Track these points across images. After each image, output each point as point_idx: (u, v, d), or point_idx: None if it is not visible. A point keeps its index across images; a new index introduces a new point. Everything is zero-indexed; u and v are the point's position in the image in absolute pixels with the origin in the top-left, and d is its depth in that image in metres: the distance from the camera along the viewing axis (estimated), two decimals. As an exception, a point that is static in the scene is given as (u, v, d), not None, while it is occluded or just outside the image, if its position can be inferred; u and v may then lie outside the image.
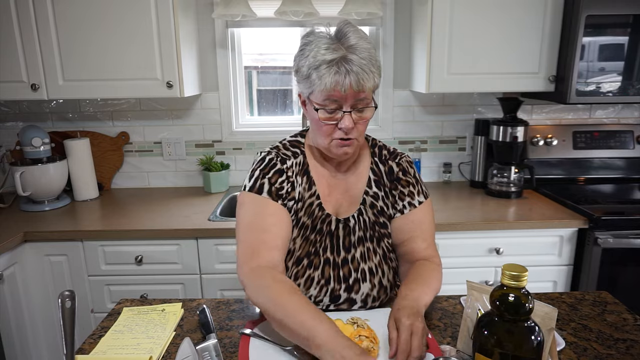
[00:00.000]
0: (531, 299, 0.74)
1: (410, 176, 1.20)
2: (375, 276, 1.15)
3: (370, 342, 0.94)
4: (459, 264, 1.89)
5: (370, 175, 1.18)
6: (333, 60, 0.99)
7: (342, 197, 1.17)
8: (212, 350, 0.94)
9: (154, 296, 1.89)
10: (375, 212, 1.17)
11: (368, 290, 1.14)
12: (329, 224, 1.14)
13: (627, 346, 1.01)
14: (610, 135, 2.31)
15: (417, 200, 1.18)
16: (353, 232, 1.15)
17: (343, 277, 1.13)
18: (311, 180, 1.15)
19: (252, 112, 2.51)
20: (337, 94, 1.01)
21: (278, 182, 1.11)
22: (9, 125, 2.35)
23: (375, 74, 1.02)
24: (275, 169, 1.13)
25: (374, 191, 1.17)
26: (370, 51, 1.02)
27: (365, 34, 1.06)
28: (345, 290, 1.13)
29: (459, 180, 2.47)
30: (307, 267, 1.13)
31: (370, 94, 1.05)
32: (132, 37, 1.91)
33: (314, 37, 1.04)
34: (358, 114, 1.05)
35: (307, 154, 1.18)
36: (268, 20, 2.24)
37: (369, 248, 1.15)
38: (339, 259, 1.14)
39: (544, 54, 1.97)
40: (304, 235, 1.13)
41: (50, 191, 2.10)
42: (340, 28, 1.04)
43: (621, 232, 1.80)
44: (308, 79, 1.03)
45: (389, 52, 2.31)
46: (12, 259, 1.74)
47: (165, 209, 2.06)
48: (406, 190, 1.18)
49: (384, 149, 1.23)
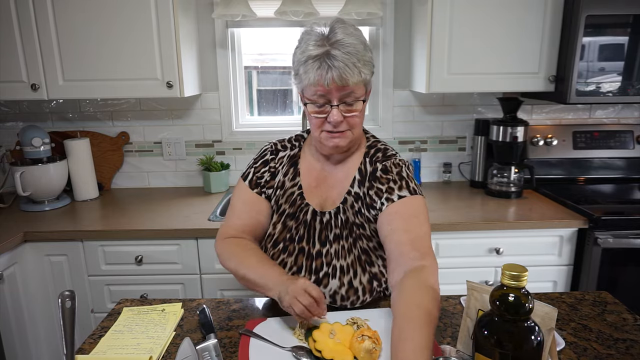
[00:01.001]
0: (531, 299, 0.74)
1: (393, 174, 1.15)
2: (345, 275, 1.15)
3: (373, 342, 0.94)
4: (459, 264, 1.89)
5: (356, 175, 1.19)
6: (317, 55, 1.03)
7: (327, 193, 1.20)
8: (212, 350, 0.94)
9: (154, 296, 1.89)
10: (354, 212, 1.17)
11: (336, 288, 1.15)
12: (305, 213, 1.19)
13: (627, 346, 1.01)
14: (610, 135, 2.31)
15: (396, 195, 1.12)
16: (330, 227, 1.18)
17: (315, 269, 1.16)
18: (297, 171, 1.22)
19: (252, 112, 2.51)
20: (322, 88, 1.04)
21: (260, 172, 1.24)
22: (9, 125, 2.35)
23: (361, 69, 1.04)
24: (263, 160, 1.26)
25: (356, 191, 1.18)
26: (357, 47, 1.04)
27: (356, 30, 1.09)
28: (314, 282, 1.15)
29: (459, 180, 2.47)
30: (281, 251, 1.20)
31: (359, 88, 1.07)
32: (132, 37, 1.91)
33: (306, 34, 1.09)
34: (347, 107, 1.08)
35: (304, 148, 1.26)
36: (268, 20, 2.24)
37: (344, 246, 1.17)
38: (313, 251, 1.18)
39: (544, 54, 1.97)
40: (284, 221, 1.21)
41: (50, 191, 2.10)
42: (331, 25, 1.07)
43: (621, 232, 1.80)
44: (298, 74, 1.09)
45: (389, 52, 2.31)
46: (12, 259, 1.74)
47: (165, 209, 2.06)
48: (384, 187, 1.14)
49: (379, 151, 1.21)
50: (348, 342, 0.96)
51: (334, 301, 1.16)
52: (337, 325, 1.00)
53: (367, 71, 1.07)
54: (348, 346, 0.96)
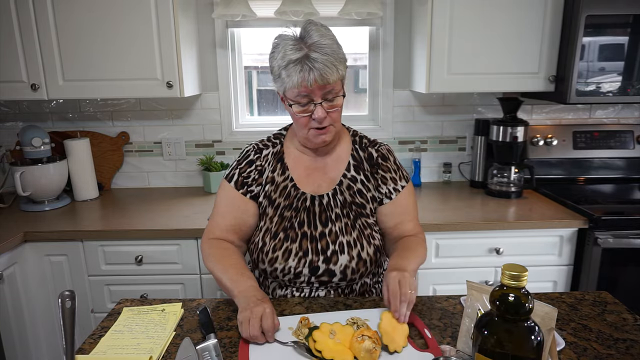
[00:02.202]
0: (531, 299, 0.74)
1: (391, 162, 1.32)
2: (353, 249, 1.23)
3: (373, 342, 0.94)
4: (459, 264, 1.89)
5: (350, 161, 1.30)
6: (297, 59, 1.11)
7: (321, 179, 1.29)
8: (212, 350, 0.94)
9: (154, 296, 1.89)
10: (352, 193, 1.28)
11: (346, 262, 1.22)
12: (304, 201, 1.26)
13: (627, 346, 1.01)
14: (610, 135, 2.31)
15: (400, 185, 1.30)
16: (329, 208, 1.26)
17: (321, 249, 1.23)
18: (285, 166, 1.30)
19: (252, 112, 2.51)
20: (305, 89, 1.13)
21: (246, 172, 1.29)
22: (9, 125, 2.35)
23: (338, 67, 1.14)
24: (247, 160, 1.31)
25: (352, 174, 1.29)
26: (332, 47, 1.14)
27: (328, 30, 1.17)
28: (324, 261, 1.22)
29: (459, 180, 2.47)
30: (284, 240, 1.24)
31: (337, 84, 1.17)
32: (132, 37, 1.91)
33: (281, 40, 1.17)
34: (329, 104, 1.17)
35: (285, 144, 1.33)
36: (268, 20, 2.24)
37: (347, 223, 1.25)
38: (316, 233, 1.24)
39: (544, 54, 1.97)
40: (280, 213, 1.26)
41: (50, 191, 2.10)
42: (303, 27, 1.17)
43: (621, 232, 1.80)
44: (279, 78, 1.16)
45: (389, 52, 2.31)
46: (12, 259, 1.74)
47: (165, 209, 2.06)
48: (388, 175, 1.30)
49: (364, 138, 1.35)
50: (348, 342, 0.96)
51: (344, 276, 1.23)
52: (337, 326, 1.00)
53: (343, 68, 1.17)
54: (348, 346, 0.96)
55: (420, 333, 1.06)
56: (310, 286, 1.24)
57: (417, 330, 1.07)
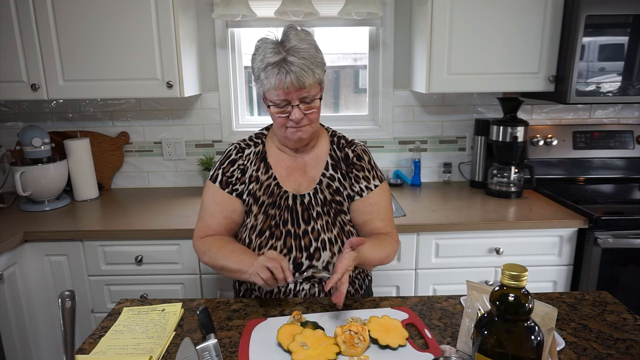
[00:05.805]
0: (531, 299, 0.74)
1: (365, 162, 1.36)
2: (334, 245, 1.29)
3: (358, 338, 0.96)
4: (459, 264, 1.89)
5: (328, 160, 1.35)
6: (275, 62, 1.16)
7: (302, 178, 1.34)
8: (212, 350, 0.94)
9: (154, 296, 1.89)
10: (331, 191, 1.33)
11: (328, 258, 1.28)
12: (286, 199, 1.31)
13: (627, 346, 1.01)
14: (610, 135, 2.31)
15: (373, 184, 1.34)
16: (311, 207, 1.31)
17: (304, 246, 1.28)
18: (268, 165, 1.34)
19: (252, 112, 2.51)
20: (282, 91, 1.17)
21: (230, 171, 1.34)
22: (9, 125, 2.35)
23: (315, 71, 1.18)
24: (230, 160, 1.35)
25: (331, 173, 1.34)
26: (310, 51, 1.18)
27: (307, 35, 1.21)
28: (307, 258, 1.27)
29: (459, 180, 2.47)
30: (269, 237, 1.28)
31: (314, 87, 1.20)
32: (132, 37, 1.91)
33: (262, 43, 1.22)
34: (306, 105, 1.21)
35: (267, 143, 1.37)
36: (268, 20, 2.23)
37: (328, 221, 1.30)
38: (299, 231, 1.29)
39: (544, 54, 1.97)
40: (265, 211, 1.30)
41: (50, 191, 2.10)
42: (284, 32, 1.21)
43: (621, 232, 1.80)
44: (259, 79, 1.20)
45: (389, 52, 2.31)
46: (12, 259, 1.74)
47: (165, 209, 2.06)
48: (361, 174, 1.34)
49: (342, 138, 1.40)
50: (318, 346, 0.97)
51: (328, 271, 1.28)
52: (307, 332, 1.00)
53: (320, 71, 1.21)
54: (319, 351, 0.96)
55: (420, 333, 1.06)
56: (295, 281, 1.28)
57: (417, 330, 1.07)
